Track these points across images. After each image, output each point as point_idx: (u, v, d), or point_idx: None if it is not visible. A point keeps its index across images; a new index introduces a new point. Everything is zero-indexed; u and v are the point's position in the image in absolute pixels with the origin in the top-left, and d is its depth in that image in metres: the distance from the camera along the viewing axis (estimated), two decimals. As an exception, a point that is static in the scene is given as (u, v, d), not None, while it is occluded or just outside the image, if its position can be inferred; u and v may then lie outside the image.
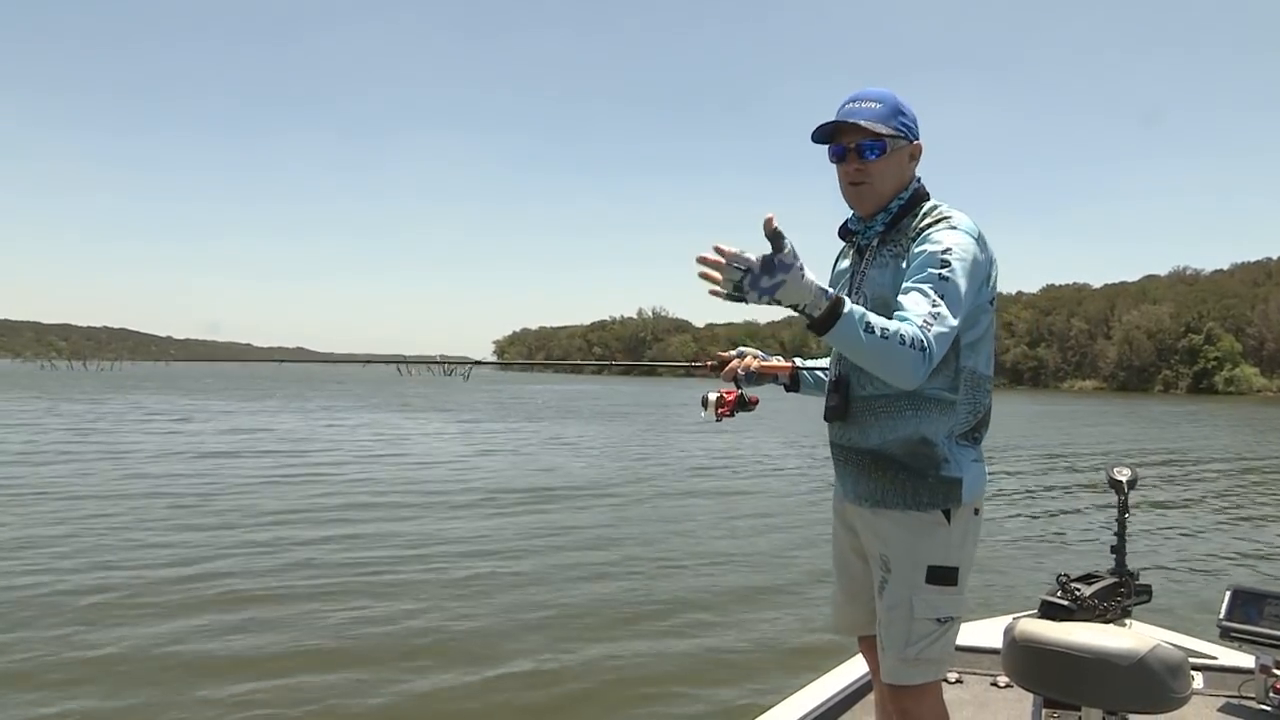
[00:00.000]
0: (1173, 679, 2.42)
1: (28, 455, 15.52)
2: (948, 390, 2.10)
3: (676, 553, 8.61)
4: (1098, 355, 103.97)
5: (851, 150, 2.16)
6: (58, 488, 11.66)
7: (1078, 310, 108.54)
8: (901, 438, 2.11)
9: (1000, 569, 8.15)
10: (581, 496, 12.22)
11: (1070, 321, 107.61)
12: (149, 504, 10.59)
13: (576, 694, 5.02)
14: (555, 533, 9.49)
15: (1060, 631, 2.58)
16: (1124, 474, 3.27)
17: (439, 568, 7.69)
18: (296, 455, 16.62)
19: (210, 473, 13.53)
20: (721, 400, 2.41)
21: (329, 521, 9.64)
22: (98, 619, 6.01)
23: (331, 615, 6.17)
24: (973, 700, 3.41)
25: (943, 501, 2.10)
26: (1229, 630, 3.17)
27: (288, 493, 11.72)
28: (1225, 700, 3.31)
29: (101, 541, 8.41)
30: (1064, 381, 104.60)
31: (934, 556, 2.11)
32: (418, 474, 14.27)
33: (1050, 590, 3.13)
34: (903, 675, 2.13)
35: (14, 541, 8.24)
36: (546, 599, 6.77)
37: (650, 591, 7.12)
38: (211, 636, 5.70)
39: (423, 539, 8.90)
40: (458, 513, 10.61)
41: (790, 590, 7.23)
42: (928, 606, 2.10)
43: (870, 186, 2.16)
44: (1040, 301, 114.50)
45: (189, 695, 4.79)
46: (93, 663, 5.23)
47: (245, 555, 7.92)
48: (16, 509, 10.03)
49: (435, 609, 6.42)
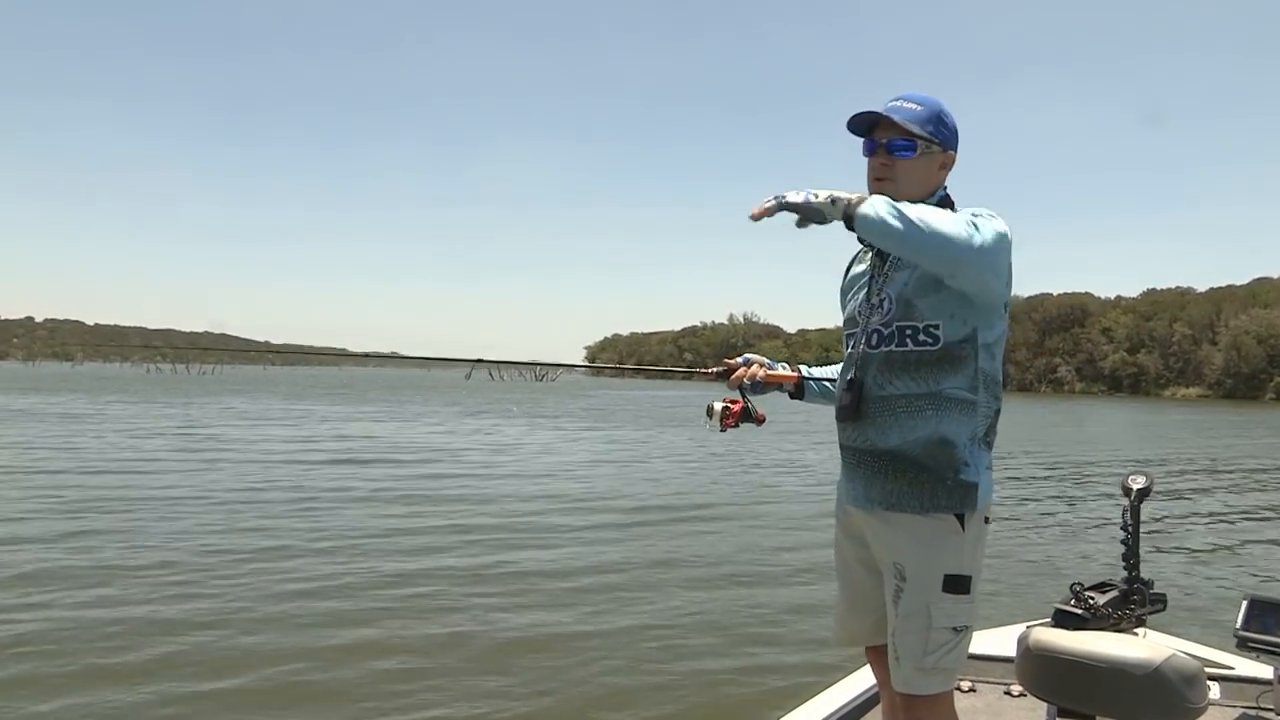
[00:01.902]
0: (1189, 689, 2.39)
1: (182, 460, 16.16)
2: (968, 390, 2.10)
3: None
4: (1202, 361, 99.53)
5: (882, 146, 2.18)
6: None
7: (1180, 315, 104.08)
8: (922, 438, 2.10)
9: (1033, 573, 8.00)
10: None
11: (1173, 326, 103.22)
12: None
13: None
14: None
15: (1075, 641, 2.56)
16: (1138, 482, 3.21)
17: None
18: (438, 465, 16.66)
19: (338, 481, 13.74)
20: (727, 411, 2.39)
21: (471, 543, 9.28)
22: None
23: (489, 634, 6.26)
24: (986, 709, 3.37)
25: (958, 505, 2.09)
26: (1246, 640, 3.08)
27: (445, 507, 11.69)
28: (1242, 711, 3.22)
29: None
30: (1165, 389, 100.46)
31: (950, 565, 2.10)
32: (544, 488, 14.03)
33: (1064, 599, 3.10)
34: (919, 685, 2.13)
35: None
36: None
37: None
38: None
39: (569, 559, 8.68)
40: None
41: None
42: (945, 615, 2.09)
43: (893, 185, 2.17)
44: (1140, 306, 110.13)
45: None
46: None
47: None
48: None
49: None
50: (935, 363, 2.10)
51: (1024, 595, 6.96)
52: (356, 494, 12.46)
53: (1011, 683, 3.44)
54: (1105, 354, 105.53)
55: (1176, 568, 9.01)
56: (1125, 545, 3.13)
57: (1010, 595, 7.15)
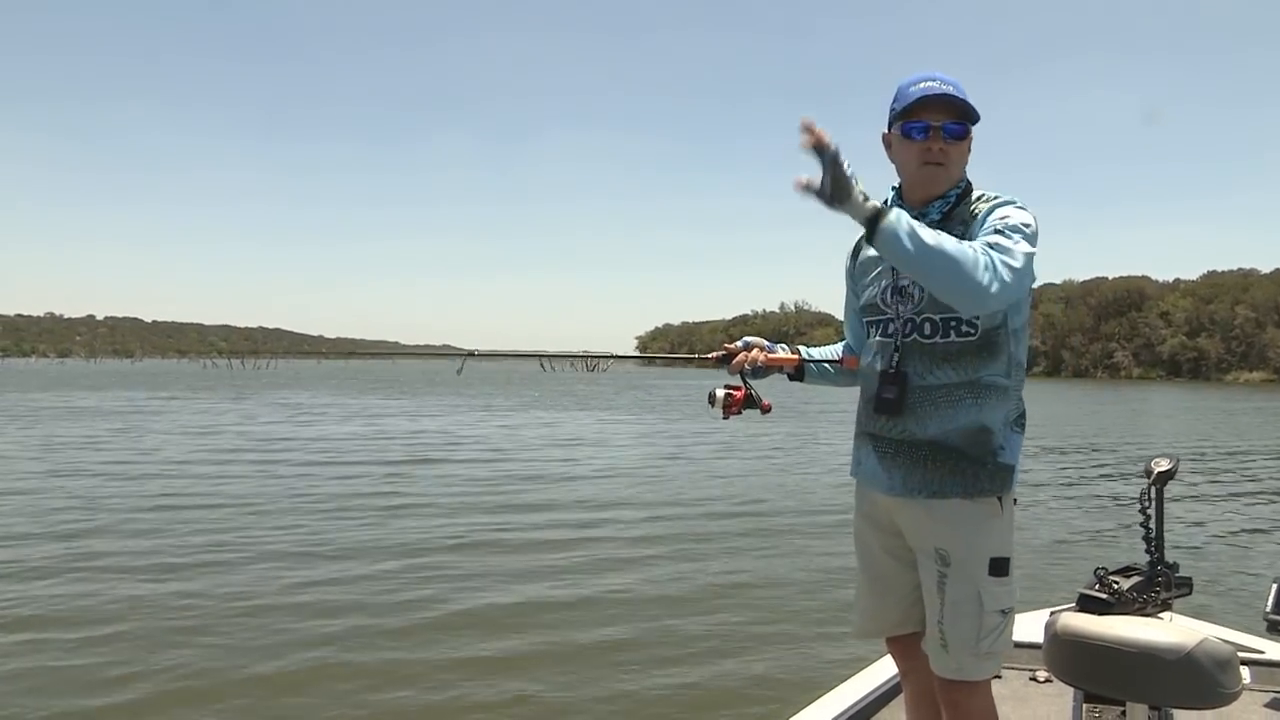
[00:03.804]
0: (1222, 674, 2.34)
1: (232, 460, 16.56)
2: (1004, 376, 2.11)
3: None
4: (1267, 345, 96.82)
5: (937, 129, 2.11)
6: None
7: (1243, 297, 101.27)
8: (962, 426, 2.09)
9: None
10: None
11: (1235, 309, 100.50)
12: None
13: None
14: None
15: (1105, 625, 2.51)
16: (1163, 464, 3.14)
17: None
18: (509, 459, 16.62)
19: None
20: (730, 398, 2.35)
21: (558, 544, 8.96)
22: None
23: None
24: (1012, 695, 3.32)
25: (1000, 488, 2.11)
26: (1278, 624, 3.00)
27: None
28: (1274, 696, 3.14)
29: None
30: (1227, 373, 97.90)
31: (994, 548, 2.11)
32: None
33: (1088, 583, 3.05)
34: (972, 670, 2.12)
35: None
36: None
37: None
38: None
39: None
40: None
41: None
42: (994, 599, 2.10)
43: (945, 170, 2.14)
44: (1200, 289, 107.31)
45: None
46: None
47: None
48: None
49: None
50: (976, 352, 2.09)
51: (1048, 579, 6.83)
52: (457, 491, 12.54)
53: (1038, 668, 3.39)
54: (1163, 338, 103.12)
55: (1204, 552, 8.84)
56: (1148, 529, 3.07)
57: (1033, 580, 7.01)
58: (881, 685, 3.28)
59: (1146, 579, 3.00)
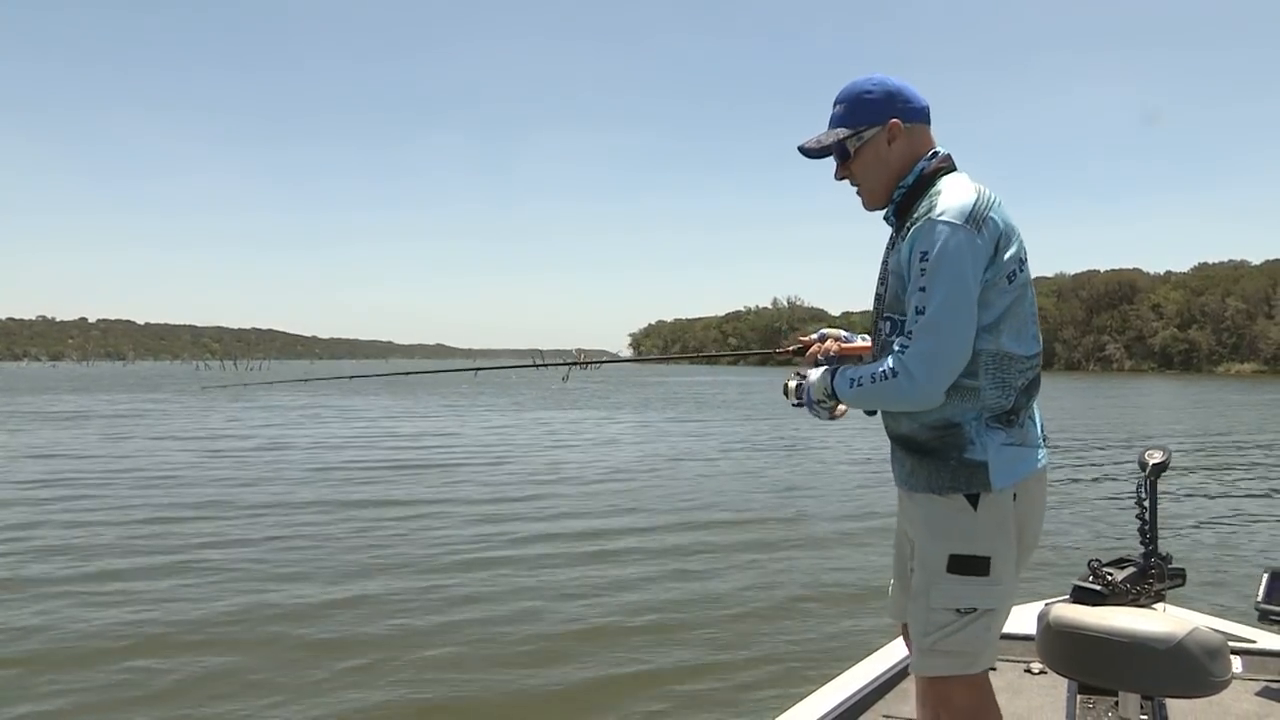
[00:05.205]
0: (1212, 662, 2.37)
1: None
2: (966, 376, 2.04)
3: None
4: (1257, 336, 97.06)
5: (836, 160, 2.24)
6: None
7: (1234, 289, 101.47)
8: (928, 423, 2.10)
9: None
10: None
11: (1225, 301, 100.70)
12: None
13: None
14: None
15: (1097, 616, 2.54)
16: (1156, 456, 3.16)
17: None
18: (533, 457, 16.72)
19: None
20: (801, 388, 2.32)
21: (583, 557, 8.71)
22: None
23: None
24: (1006, 687, 3.34)
25: (965, 486, 2.06)
26: (1268, 613, 3.03)
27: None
28: (1264, 684, 3.17)
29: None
30: (1218, 365, 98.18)
31: (956, 545, 2.07)
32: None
33: (1082, 575, 3.07)
34: (920, 665, 2.14)
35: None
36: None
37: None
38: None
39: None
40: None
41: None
42: (945, 596, 2.07)
43: (862, 182, 2.22)
44: (1192, 281, 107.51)
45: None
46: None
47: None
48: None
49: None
50: None
51: (1042, 572, 6.86)
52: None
53: (1032, 660, 3.41)
54: (1155, 331, 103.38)
55: (1197, 542, 8.88)
56: (1142, 520, 3.09)
57: (1027, 571, 7.05)
58: (898, 664, 3.33)
59: (1140, 570, 3.01)
